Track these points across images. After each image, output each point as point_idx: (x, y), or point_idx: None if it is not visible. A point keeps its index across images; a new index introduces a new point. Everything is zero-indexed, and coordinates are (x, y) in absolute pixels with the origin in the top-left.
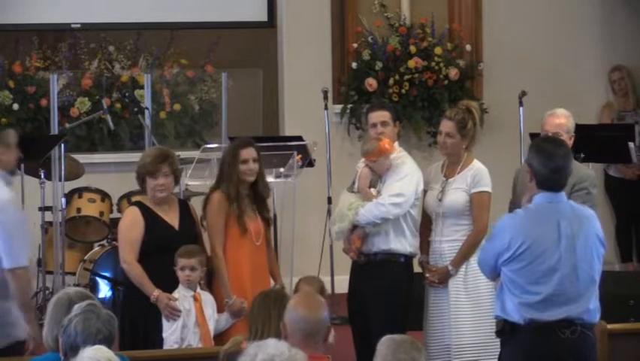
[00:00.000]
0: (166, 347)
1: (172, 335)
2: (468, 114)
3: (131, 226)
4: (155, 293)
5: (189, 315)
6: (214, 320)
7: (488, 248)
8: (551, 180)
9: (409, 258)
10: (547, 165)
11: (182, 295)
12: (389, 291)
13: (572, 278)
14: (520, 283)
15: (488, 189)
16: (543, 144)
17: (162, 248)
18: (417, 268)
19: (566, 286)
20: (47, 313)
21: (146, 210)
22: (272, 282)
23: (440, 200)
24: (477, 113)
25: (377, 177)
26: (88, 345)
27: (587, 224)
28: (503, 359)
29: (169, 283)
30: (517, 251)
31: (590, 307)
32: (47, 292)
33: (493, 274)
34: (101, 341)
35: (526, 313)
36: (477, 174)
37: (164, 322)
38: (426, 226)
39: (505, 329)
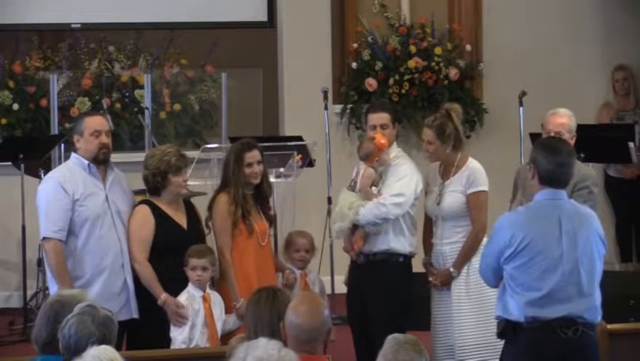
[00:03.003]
0: (174, 346)
1: (180, 335)
2: (446, 119)
3: (142, 224)
4: (162, 297)
5: (198, 315)
6: (222, 320)
7: (488, 251)
8: (555, 175)
9: (408, 257)
10: (553, 160)
11: (191, 295)
12: (388, 291)
13: (574, 275)
14: (522, 280)
15: (484, 188)
16: (548, 141)
17: (172, 247)
18: (417, 268)
19: (568, 282)
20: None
21: (155, 209)
22: (280, 280)
23: (438, 204)
24: (457, 116)
25: (378, 177)
26: (80, 347)
27: (587, 223)
28: (505, 359)
29: (177, 283)
30: (519, 247)
31: (592, 305)
32: (47, 291)
33: (497, 278)
34: (94, 343)
35: (529, 312)
36: (471, 174)
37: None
38: (428, 227)
39: (508, 330)
